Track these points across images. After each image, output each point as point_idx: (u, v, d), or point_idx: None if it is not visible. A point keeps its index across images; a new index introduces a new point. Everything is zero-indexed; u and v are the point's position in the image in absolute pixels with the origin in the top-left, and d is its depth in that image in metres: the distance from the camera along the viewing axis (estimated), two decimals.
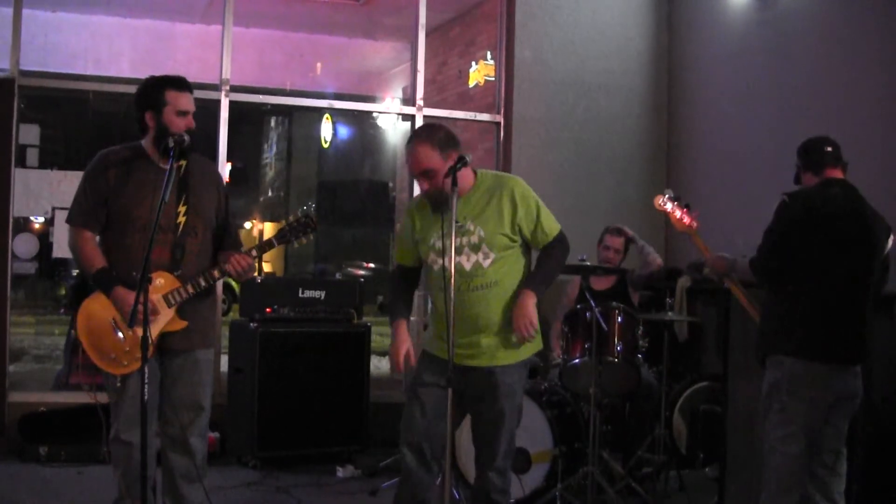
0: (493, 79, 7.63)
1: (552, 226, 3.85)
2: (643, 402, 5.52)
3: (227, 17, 6.65)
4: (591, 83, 7.33)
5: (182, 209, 3.75)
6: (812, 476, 3.84)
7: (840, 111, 5.70)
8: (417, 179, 3.77)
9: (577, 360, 5.11)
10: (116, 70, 8.85)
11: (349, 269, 18.09)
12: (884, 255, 3.94)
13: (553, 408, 5.15)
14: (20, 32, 6.24)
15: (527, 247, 3.86)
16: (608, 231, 6.00)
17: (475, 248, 3.72)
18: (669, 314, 5.45)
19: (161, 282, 3.70)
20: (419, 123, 7.11)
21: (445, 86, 9.18)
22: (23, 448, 5.78)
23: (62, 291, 14.78)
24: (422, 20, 7.15)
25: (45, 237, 6.45)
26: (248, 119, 21.55)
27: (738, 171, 6.69)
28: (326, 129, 15.27)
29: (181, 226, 3.75)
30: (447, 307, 3.42)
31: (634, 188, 7.38)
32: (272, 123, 23.87)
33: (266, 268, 23.11)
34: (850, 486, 4.12)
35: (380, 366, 9.79)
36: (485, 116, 7.40)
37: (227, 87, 6.61)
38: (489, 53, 7.98)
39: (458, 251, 3.69)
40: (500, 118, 7.25)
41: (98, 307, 3.68)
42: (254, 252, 3.82)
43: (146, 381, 3.29)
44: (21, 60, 6.23)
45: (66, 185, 6.28)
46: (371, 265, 18.10)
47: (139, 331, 3.47)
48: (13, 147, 6.16)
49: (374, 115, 10.70)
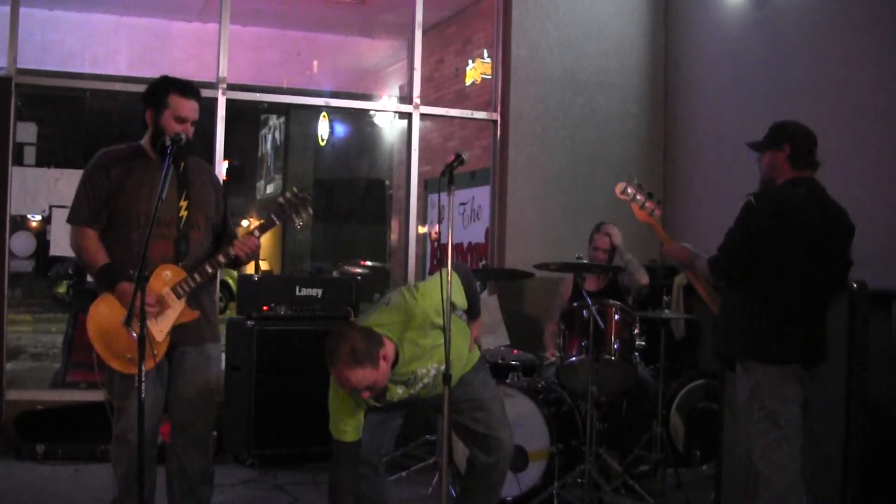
0: (490, 76, 7.63)
1: (458, 296, 3.82)
2: (640, 400, 5.52)
3: (224, 16, 6.65)
4: (588, 81, 7.34)
5: (183, 203, 3.81)
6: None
7: (836, 108, 5.71)
8: (360, 393, 3.57)
9: (574, 358, 5.12)
10: (114, 68, 8.85)
11: (346, 267, 18.07)
12: (847, 255, 3.91)
13: (550, 406, 5.16)
14: (17, 30, 6.24)
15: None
16: (597, 230, 5.93)
17: (437, 380, 3.68)
18: (666, 312, 5.46)
19: (168, 274, 3.74)
20: (416, 121, 7.11)
21: (442, 84, 9.18)
22: (20, 446, 5.79)
23: (60, 289, 14.77)
24: (418, 18, 7.15)
25: (43, 235, 6.45)
26: (245, 117, 21.53)
27: (734, 169, 6.69)
28: (323, 127, 15.29)
29: (183, 219, 3.81)
30: (444, 305, 3.42)
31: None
32: (269, 121, 23.85)
33: (263, 266, 23.12)
34: (847, 485, 4.13)
35: None
36: (481, 114, 7.41)
37: (224, 86, 6.61)
38: (486, 51, 7.98)
39: (427, 389, 3.76)
40: (497, 116, 7.25)
41: (107, 309, 3.68)
42: (256, 232, 3.90)
43: (142, 380, 3.27)
44: (18, 58, 6.22)
45: (64, 184, 6.28)
46: (368, 263, 18.08)
47: (152, 328, 3.59)
48: (10, 145, 6.15)
49: (371, 114, 10.69)
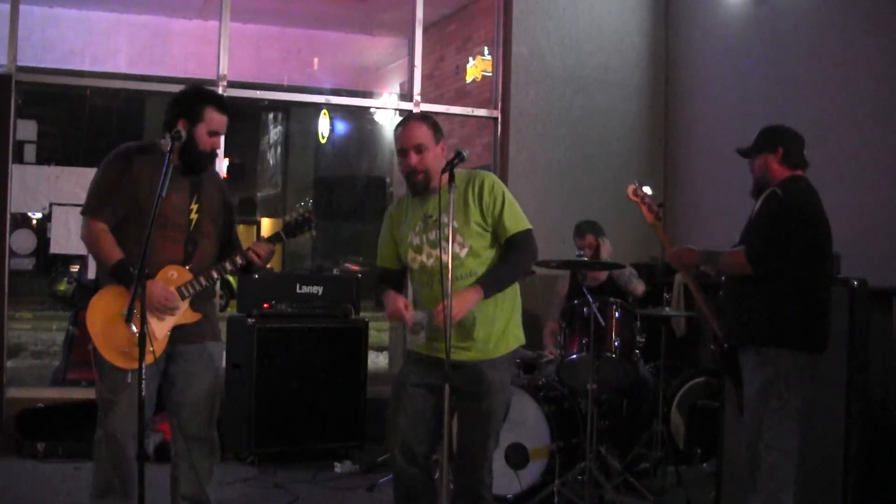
0: (491, 74, 7.62)
1: (517, 221, 3.69)
2: (640, 398, 5.53)
3: (225, 13, 6.65)
4: (589, 78, 7.34)
5: (194, 207, 3.86)
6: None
7: (836, 107, 5.71)
8: (405, 156, 3.65)
9: (575, 356, 5.12)
10: (113, 66, 8.84)
11: (346, 265, 18.06)
12: None
13: (550, 403, 5.16)
14: (17, 28, 6.24)
15: (497, 241, 3.72)
16: (577, 234, 5.90)
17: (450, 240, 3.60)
18: (667, 310, 5.46)
19: (174, 274, 3.78)
20: None
21: (443, 81, 9.17)
22: (20, 444, 5.79)
23: (61, 287, 14.76)
24: (419, 15, 7.15)
25: (43, 233, 6.44)
26: (246, 115, 21.52)
27: (735, 166, 6.65)
28: (324, 125, 15.26)
29: (193, 223, 3.85)
30: (444, 301, 3.37)
31: (631, 184, 7.36)
32: (269, 119, 23.84)
33: None
34: (847, 483, 4.13)
35: (377, 361, 9.81)
36: (482, 112, 7.40)
37: (225, 83, 6.61)
38: (486, 49, 7.98)
39: (434, 245, 3.66)
40: (498, 113, 7.25)
41: (111, 300, 3.68)
42: (282, 235, 4.01)
43: (143, 378, 3.28)
44: (18, 56, 6.22)
45: (64, 181, 6.27)
46: (369, 261, 18.09)
47: (152, 323, 3.61)
48: (10, 143, 6.15)
49: (372, 111, 10.66)
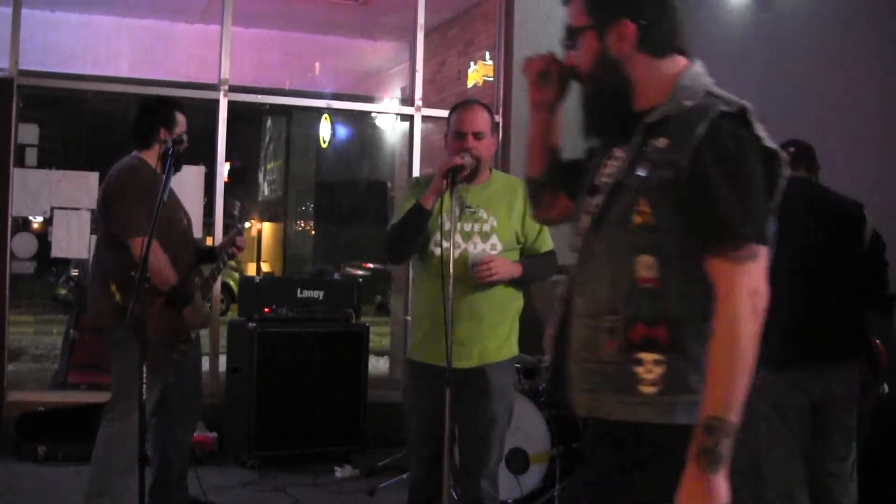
0: (492, 79, 7.62)
1: (549, 241, 3.76)
2: None
3: (226, 17, 6.66)
4: None
5: (183, 212, 4.24)
6: (819, 485, 3.81)
7: (838, 112, 5.70)
8: (462, 139, 3.62)
9: None
10: (115, 70, 8.85)
11: (347, 269, 18.08)
12: (863, 249, 3.87)
13: (551, 408, 5.15)
14: (19, 32, 6.25)
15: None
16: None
17: (485, 237, 3.59)
18: None
19: (198, 280, 4.18)
20: (418, 124, 7.11)
21: (444, 86, 9.17)
22: (20, 447, 5.78)
23: (61, 291, 14.77)
24: (420, 20, 7.15)
25: (44, 237, 6.45)
26: (247, 119, 21.54)
27: None
28: (325, 129, 15.26)
29: (188, 228, 4.22)
30: (445, 304, 3.34)
31: None
32: (271, 123, 23.86)
33: (265, 267, 23.12)
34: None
35: (378, 366, 9.80)
36: None
37: (226, 87, 6.61)
38: (488, 53, 7.98)
39: (468, 237, 3.58)
40: (499, 118, 7.25)
41: (163, 317, 3.95)
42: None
43: (144, 382, 3.35)
44: (20, 60, 6.23)
45: (65, 185, 6.27)
46: (369, 265, 18.08)
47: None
48: (12, 147, 6.16)
49: (373, 115, 10.71)
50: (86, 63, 8.77)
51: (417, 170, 7.07)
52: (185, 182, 6.24)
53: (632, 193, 1.95)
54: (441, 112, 7.67)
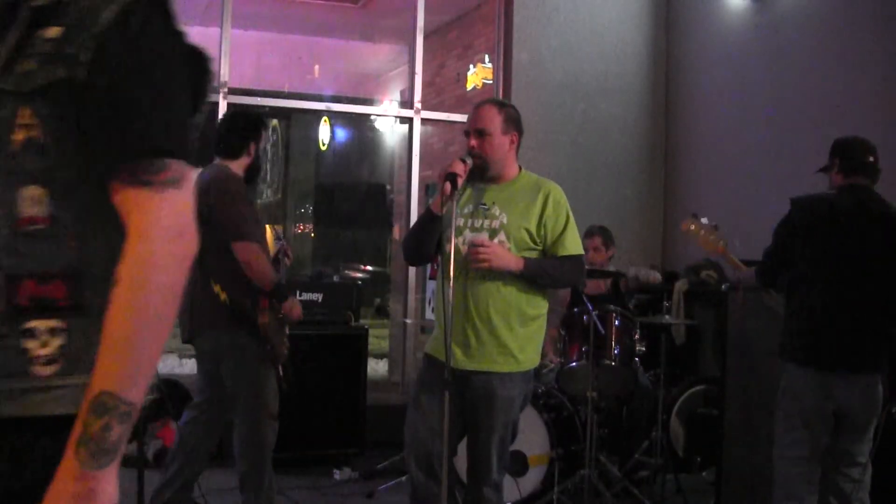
0: (491, 82, 7.63)
1: (575, 245, 3.65)
2: (640, 406, 5.52)
3: (225, 20, 6.66)
4: (589, 86, 7.34)
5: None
6: (837, 490, 3.80)
7: (837, 113, 5.71)
8: (467, 136, 3.65)
9: (574, 364, 5.11)
10: None
11: (346, 272, 18.06)
12: None
13: (550, 411, 5.15)
14: None
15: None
16: (588, 236, 5.88)
17: (493, 234, 3.57)
18: (667, 317, 5.46)
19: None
20: (417, 126, 7.12)
21: (443, 89, 9.18)
22: None
23: None
24: (420, 23, 7.16)
25: None
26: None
27: (736, 174, 6.70)
28: (324, 132, 15.26)
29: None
30: (445, 307, 3.35)
31: (632, 191, 7.39)
32: (270, 125, 23.87)
33: None
34: None
35: (377, 368, 9.79)
36: None
37: (226, 90, 6.61)
38: (487, 56, 7.98)
39: (476, 233, 3.59)
40: None
41: (269, 313, 4.24)
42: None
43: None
44: None
45: None
46: (368, 268, 18.06)
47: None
48: None
49: (372, 118, 10.68)
50: None
51: (417, 172, 7.07)
52: None
53: (10, 101, 1.39)
54: (440, 115, 7.70)
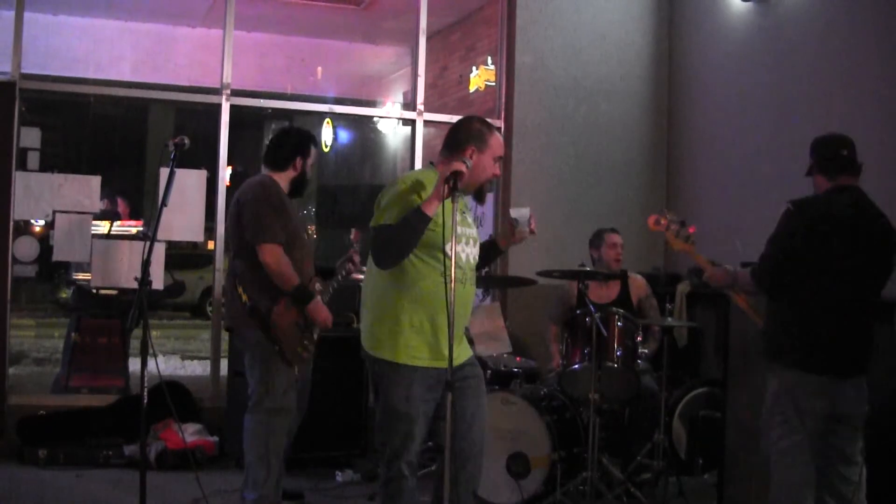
0: (494, 83, 7.64)
1: None
2: (642, 408, 5.51)
3: (229, 21, 6.66)
4: (592, 88, 7.34)
5: (311, 228, 4.56)
6: (831, 490, 3.81)
7: (840, 116, 5.70)
8: (498, 162, 3.76)
9: (577, 366, 5.11)
10: (118, 74, 8.86)
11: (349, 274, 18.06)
12: (889, 266, 3.88)
13: (552, 413, 5.15)
14: (22, 36, 6.25)
15: None
16: (606, 231, 5.93)
17: (475, 242, 3.81)
18: (669, 320, 5.45)
19: (318, 286, 4.63)
20: (420, 128, 7.12)
21: (446, 90, 9.18)
22: (22, 451, 5.78)
23: (63, 294, 14.78)
24: (423, 25, 7.16)
25: (46, 240, 6.45)
26: (249, 123, 21.52)
27: (738, 176, 6.70)
28: (327, 134, 15.24)
29: (311, 241, 4.66)
30: (448, 310, 3.36)
31: (634, 193, 7.39)
32: (273, 127, 23.86)
33: None
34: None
35: None
36: None
37: (228, 91, 6.62)
38: (490, 58, 7.99)
39: (468, 241, 3.74)
40: (501, 123, 7.25)
41: (287, 314, 4.45)
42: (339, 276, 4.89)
43: (146, 385, 3.67)
44: (22, 64, 6.23)
45: (67, 189, 6.28)
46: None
47: (314, 329, 4.61)
48: (14, 150, 6.16)
49: (375, 120, 10.67)
50: (88, 67, 8.78)
51: None
52: (187, 186, 6.26)
53: None
54: (443, 117, 7.69)
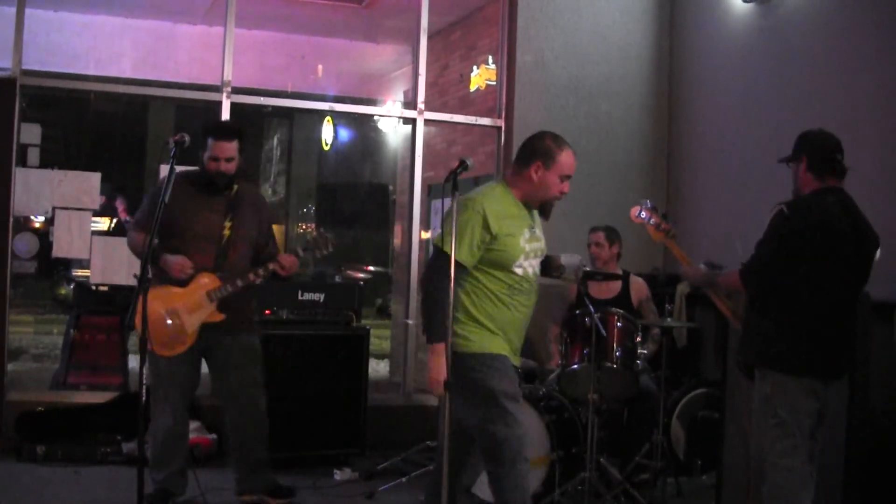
0: (495, 83, 7.63)
1: None
2: (641, 408, 5.51)
3: (229, 19, 6.66)
4: (592, 88, 7.34)
5: (227, 225, 4.70)
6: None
7: (841, 117, 5.70)
8: (563, 182, 3.83)
9: (576, 366, 5.11)
10: (118, 70, 8.85)
11: (349, 272, 18.05)
12: (869, 268, 3.92)
13: (551, 413, 5.15)
14: (22, 32, 6.24)
15: None
16: (591, 229, 6.01)
17: (542, 253, 3.95)
18: (668, 320, 5.45)
19: (205, 281, 4.61)
20: (420, 127, 7.11)
21: (447, 89, 9.18)
22: (20, 447, 5.78)
23: (62, 291, 14.77)
24: (424, 23, 7.15)
25: (45, 236, 6.45)
26: (250, 121, 21.53)
27: (738, 177, 6.70)
28: (327, 132, 15.24)
29: (224, 238, 4.68)
30: (449, 310, 3.39)
31: (634, 193, 7.37)
32: (273, 125, 23.85)
33: None
34: (848, 493, 4.12)
35: (378, 369, 9.79)
36: (486, 121, 7.40)
37: (229, 89, 6.61)
38: (490, 57, 7.98)
39: (537, 256, 3.88)
40: (501, 122, 7.25)
41: (155, 302, 4.42)
42: (299, 251, 4.79)
43: (145, 384, 3.82)
44: (23, 60, 6.22)
45: (67, 185, 6.27)
46: (371, 268, 18.06)
47: (185, 320, 4.56)
48: (14, 146, 6.16)
49: (375, 119, 10.67)
50: (88, 63, 8.78)
51: (419, 173, 7.06)
52: None
53: None
54: (443, 116, 7.69)
